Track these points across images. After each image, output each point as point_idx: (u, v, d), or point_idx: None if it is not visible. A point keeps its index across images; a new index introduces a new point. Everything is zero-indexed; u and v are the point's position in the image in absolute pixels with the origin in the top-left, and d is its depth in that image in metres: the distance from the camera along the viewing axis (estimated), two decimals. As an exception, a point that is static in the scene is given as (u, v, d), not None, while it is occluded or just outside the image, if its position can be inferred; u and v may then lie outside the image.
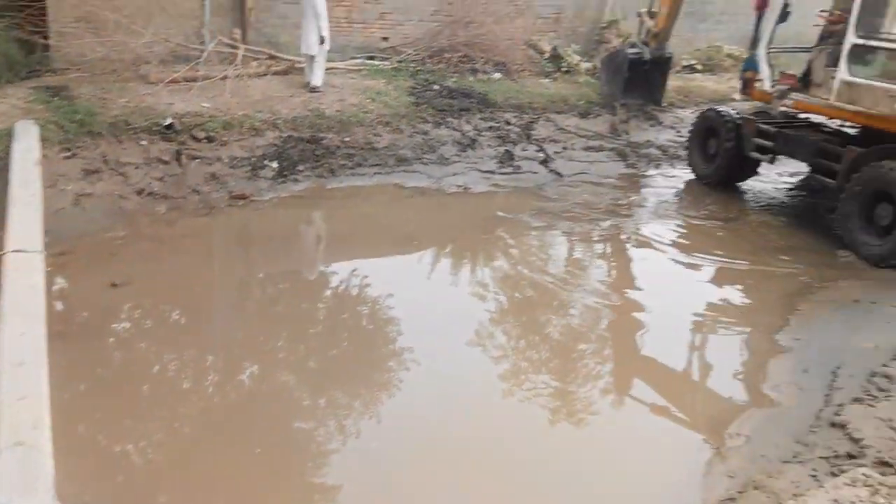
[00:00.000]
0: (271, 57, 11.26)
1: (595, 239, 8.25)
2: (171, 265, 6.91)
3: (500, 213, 8.85)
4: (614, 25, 14.20)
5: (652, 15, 12.21)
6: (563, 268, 7.61)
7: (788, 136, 8.83)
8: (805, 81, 8.77)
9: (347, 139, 9.97)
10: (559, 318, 6.47)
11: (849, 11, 8.19)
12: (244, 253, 8.03)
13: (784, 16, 8.83)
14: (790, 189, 10.35)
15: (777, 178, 10.74)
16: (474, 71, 12.83)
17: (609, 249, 8.15)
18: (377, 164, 9.82)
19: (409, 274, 7.35)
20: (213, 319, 6.32)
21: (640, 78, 12.31)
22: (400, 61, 12.48)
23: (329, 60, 11.08)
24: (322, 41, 10.44)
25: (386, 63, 12.40)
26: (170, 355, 5.47)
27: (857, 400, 4.66)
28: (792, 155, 9.00)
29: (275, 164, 9.10)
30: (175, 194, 8.18)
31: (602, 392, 5.43)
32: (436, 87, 11.83)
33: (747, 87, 9.67)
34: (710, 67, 15.70)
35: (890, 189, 7.24)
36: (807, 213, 9.31)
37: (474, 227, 8.58)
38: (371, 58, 12.55)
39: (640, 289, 7.19)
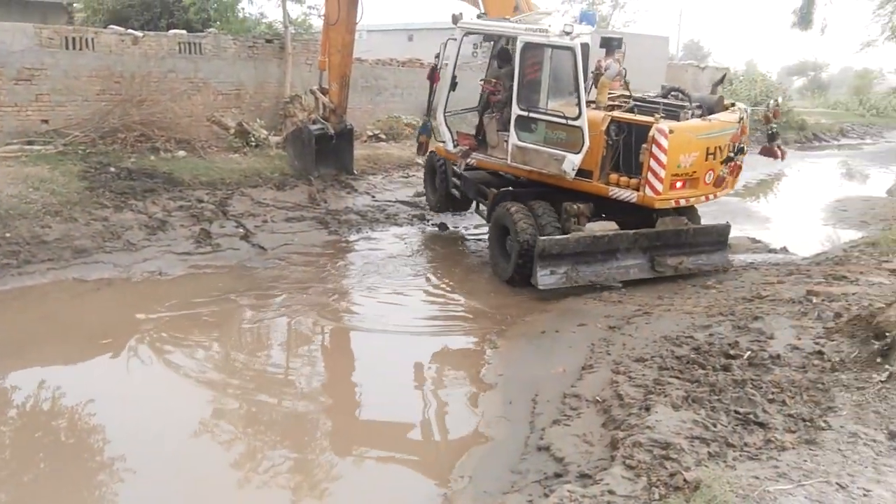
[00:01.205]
0: None
1: (304, 311, 8.08)
2: None
3: (200, 298, 8.26)
4: (297, 100, 14.52)
5: (324, 91, 12.73)
6: (277, 349, 7.33)
7: (465, 178, 10.26)
8: (481, 142, 9.91)
9: (8, 235, 8.67)
10: (276, 399, 6.18)
11: (499, 79, 9.63)
12: None
13: (453, 85, 9.90)
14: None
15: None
16: (155, 150, 12.13)
17: (321, 323, 7.98)
18: (50, 259, 8.70)
19: (106, 374, 6.50)
20: None
21: (328, 150, 12.78)
22: (66, 144, 11.32)
23: (-25, 147, 9.61)
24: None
25: (49, 147, 11.14)
26: None
27: (555, 422, 5.12)
28: (469, 194, 10.50)
29: None
30: None
31: (337, 459, 5.29)
32: (112, 169, 10.93)
33: (422, 149, 10.89)
34: (392, 136, 16.80)
35: (507, 224, 8.82)
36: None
37: (174, 314, 7.90)
38: (30, 143, 11.19)
39: (354, 359, 7.23)
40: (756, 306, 6.99)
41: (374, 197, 13.25)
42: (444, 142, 10.18)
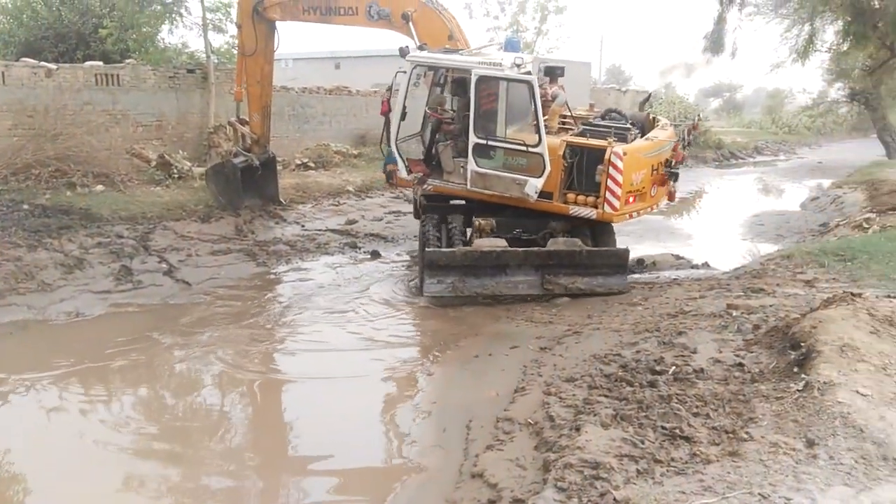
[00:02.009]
0: None
1: (229, 350, 7.82)
2: None
3: (120, 338, 7.90)
4: (222, 130, 14.26)
5: (243, 122, 12.58)
6: (201, 393, 7.06)
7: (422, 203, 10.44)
8: (435, 169, 10.14)
9: None
10: (199, 449, 5.96)
11: (443, 104, 10.23)
12: None
13: (403, 115, 10.11)
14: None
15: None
16: (72, 185, 11.71)
17: (246, 361, 7.70)
18: (-45, 304, 8.20)
19: (14, 423, 6.13)
20: None
21: (253, 182, 12.57)
22: (-27, 182, 10.80)
23: None
24: None
25: (-46, 185, 10.62)
26: None
27: (489, 447, 5.09)
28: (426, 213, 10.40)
29: None
30: None
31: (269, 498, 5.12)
32: (26, 206, 10.51)
33: (391, 177, 10.66)
34: (322, 164, 16.69)
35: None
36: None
37: (95, 356, 7.52)
38: (-68, 181, 10.65)
39: (291, 383, 7.05)
40: (680, 321, 7.17)
41: (303, 226, 13.10)
42: (397, 169, 10.36)
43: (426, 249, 9.03)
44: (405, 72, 9.76)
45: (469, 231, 9.82)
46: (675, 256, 11.64)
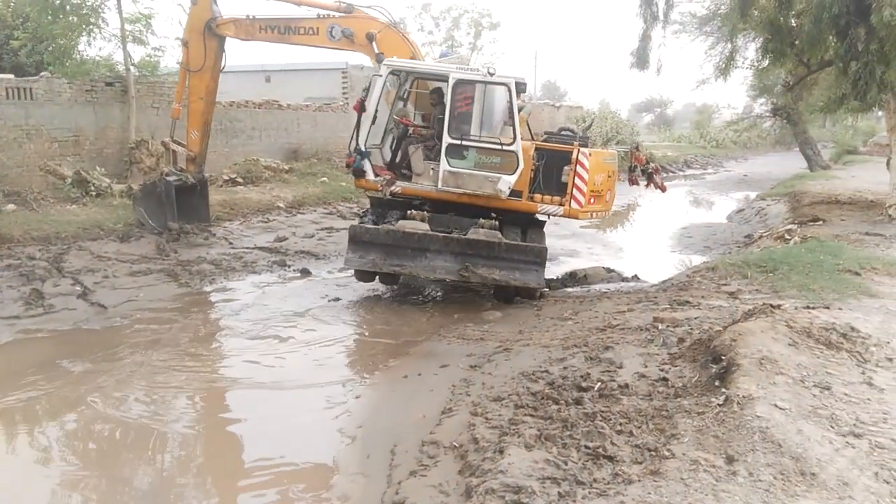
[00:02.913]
0: None
1: (141, 376, 7.41)
2: None
3: (26, 367, 7.40)
4: (144, 145, 13.79)
5: (177, 142, 12.20)
6: (113, 426, 6.66)
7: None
8: (401, 173, 10.35)
9: None
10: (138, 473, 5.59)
11: (406, 116, 10.46)
12: None
13: (374, 119, 10.22)
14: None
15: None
16: (-21, 204, 11.03)
17: (159, 389, 7.31)
18: None
19: None
20: None
21: (184, 204, 12.19)
22: None
23: None
24: None
25: None
26: None
27: (412, 473, 4.92)
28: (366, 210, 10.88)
29: None
30: None
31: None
32: (-76, 228, 9.80)
33: (361, 175, 10.49)
34: (250, 179, 16.28)
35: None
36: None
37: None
38: None
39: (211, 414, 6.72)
40: (608, 336, 7.17)
41: (231, 244, 12.69)
42: (364, 172, 10.40)
43: (351, 224, 9.65)
44: (381, 75, 9.95)
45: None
46: (607, 269, 11.75)
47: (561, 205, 9.84)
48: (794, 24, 14.64)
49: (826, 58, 14.10)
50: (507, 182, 9.62)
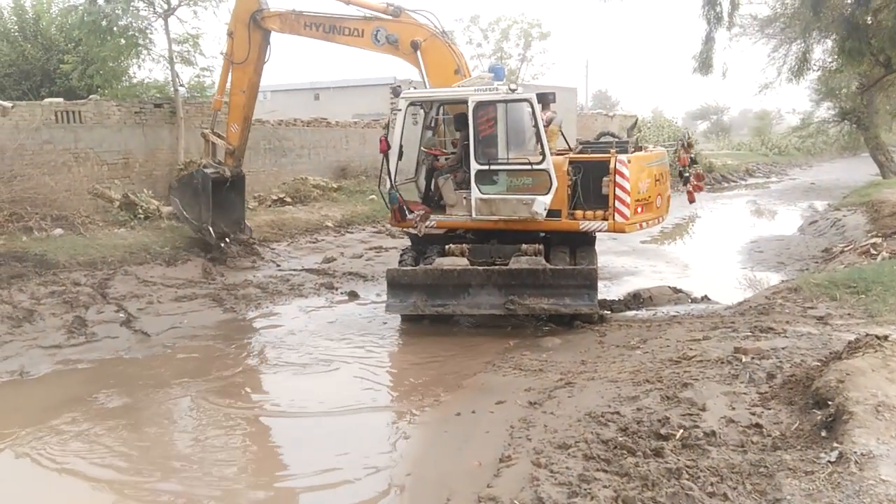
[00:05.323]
0: None
1: (184, 414, 6.98)
2: None
3: (63, 400, 7.07)
4: (192, 166, 13.58)
5: (217, 135, 12.03)
6: (148, 462, 6.24)
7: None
8: (437, 205, 9.95)
9: None
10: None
11: (436, 147, 10.11)
12: None
13: (400, 154, 9.76)
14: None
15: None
16: (28, 230, 10.99)
17: (203, 427, 6.91)
18: None
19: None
20: None
21: (221, 198, 11.99)
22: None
23: None
24: None
25: None
26: None
27: (469, 535, 4.32)
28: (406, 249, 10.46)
29: None
30: None
31: None
32: (-28, 255, 9.70)
33: (398, 216, 10.09)
34: (299, 199, 16.01)
35: None
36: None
37: (32, 422, 6.69)
38: None
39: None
40: (684, 370, 6.42)
41: (278, 266, 12.36)
42: (405, 212, 9.98)
43: (388, 269, 9.28)
44: (400, 110, 9.56)
45: None
46: (673, 289, 10.91)
47: (605, 219, 9.10)
48: (871, 22, 13.60)
49: (910, 56, 13.01)
50: (542, 203, 9.02)
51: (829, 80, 22.54)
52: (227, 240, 12.19)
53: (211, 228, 11.84)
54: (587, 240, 9.71)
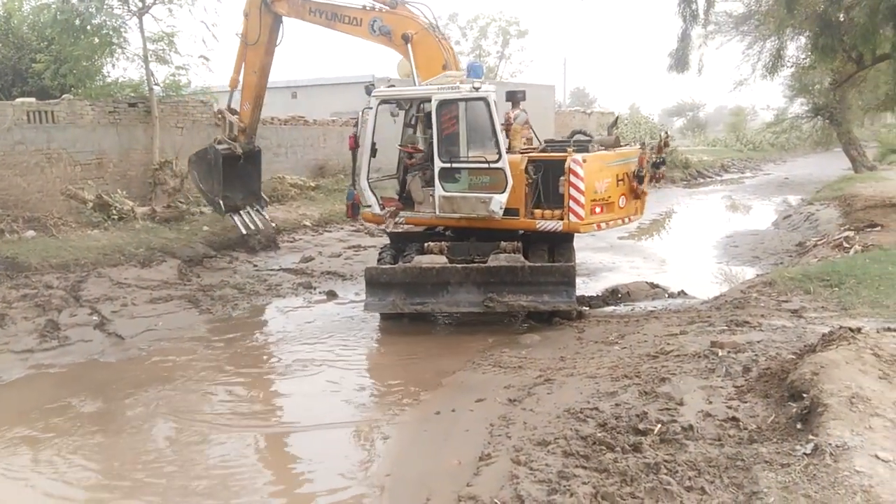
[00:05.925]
0: None
1: (156, 417, 6.87)
2: None
3: (35, 405, 6.94)
4: (168, 166, 13.46)
5: (233, 111, 12.28)
6: (120, 469, 6.14)
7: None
8: (407, 201, 9.98)
9: None
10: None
11: (415, 144, 10.06)
12: None
13: (374, 152, 9.89)
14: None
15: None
16: (-1, 232, 10.74)
17: (177, 430, 6.78)
18: None
19: None
20: None
21: (234, 173, 12.36)
22: None
23: None
24: None
25: None
26: None
27: (448, 535, 4.30)
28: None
29: None
30: None
31: None
32: (-60, 258, 9.50)
33: (350, 212, 10.47)
34: (276, 198, 15.87)
35: None
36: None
37: (1, 429, 6.55)
38: None
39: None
40: (661, 364, 6.46)
41: (255, 266, 12.25)
42: (370, 206, 10.08)
43: (366, 267, 9.30)
44: (371, 107, 9.65)
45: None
46: (651, 284, 10.99)
47: (561, 219, 9.04)
48: (843, 19, 13.79)
49: (880, 52, 13.20)
50: (498, 202, 9.03)
51: (802, 76, 22.79)
52: (241, 213, 12.68)
53: (221, 202, 12.32)
54: (566, 237, 9.68)
